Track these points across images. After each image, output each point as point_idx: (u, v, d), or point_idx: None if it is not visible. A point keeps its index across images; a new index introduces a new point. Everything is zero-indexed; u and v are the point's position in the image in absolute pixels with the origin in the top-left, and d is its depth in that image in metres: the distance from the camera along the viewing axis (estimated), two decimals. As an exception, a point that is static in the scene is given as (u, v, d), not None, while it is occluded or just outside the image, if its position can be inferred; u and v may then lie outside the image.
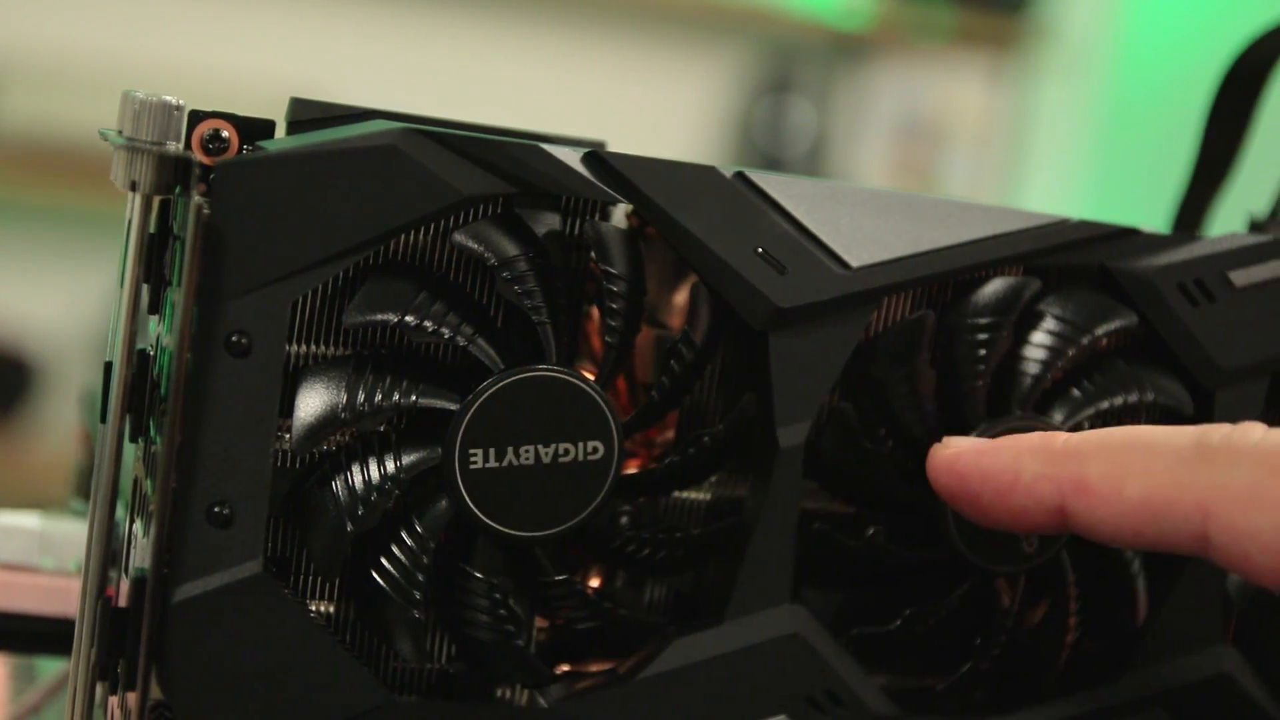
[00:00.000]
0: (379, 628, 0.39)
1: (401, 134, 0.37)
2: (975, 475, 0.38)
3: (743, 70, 2.36)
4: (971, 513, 0.39)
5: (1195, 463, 0.35)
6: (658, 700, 0.40)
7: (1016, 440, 0.38)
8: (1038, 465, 0.37)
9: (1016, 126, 2.38)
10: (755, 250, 0.39)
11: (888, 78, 2.36)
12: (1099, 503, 0.36)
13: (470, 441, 0.37)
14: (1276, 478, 0.35)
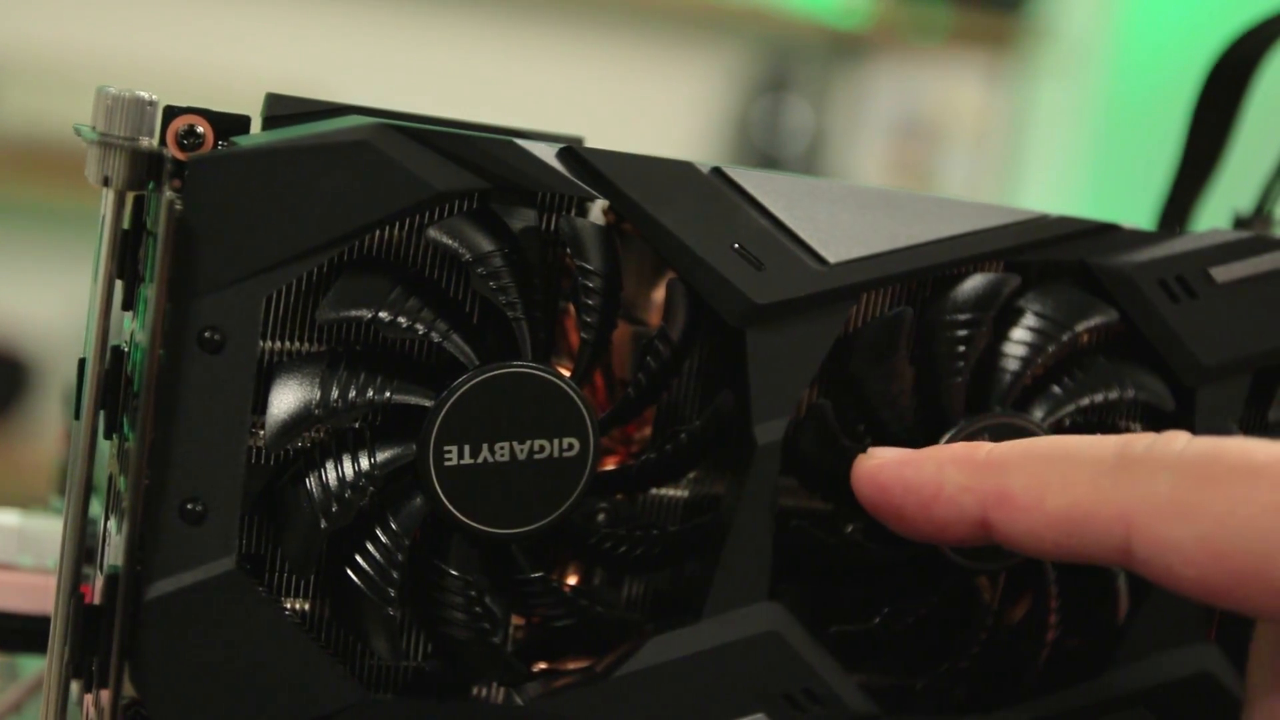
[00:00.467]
0: (354, 625, 0.39)
1: (375, 130, 0.37)
2: (898, 486, 0.38)
3: (740, 69, 2.36)
4: (895, 524, 0.38)
5: (1117, 473, 0.35)
6: (634, 698, 0.40)
7: (939, 451, 0.38)
8: (960, 477, 0.37)
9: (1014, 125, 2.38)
10: (732, 246, 0.39)
11: (885, 77, 2.35)
12: (1020, 514, 0.36)
13: (445, 438, 0.37)
14: (1198, 488, 0.34)
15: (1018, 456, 0.36)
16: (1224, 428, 0.44)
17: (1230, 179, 0.54)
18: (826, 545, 0.41)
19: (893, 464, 0.38)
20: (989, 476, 0.36)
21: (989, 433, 0.41)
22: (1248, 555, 0.33)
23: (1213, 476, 0.34)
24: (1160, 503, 0.34)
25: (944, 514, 0.37)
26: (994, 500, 0.36)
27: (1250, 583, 0.33)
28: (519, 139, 0.38)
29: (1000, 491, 0.36)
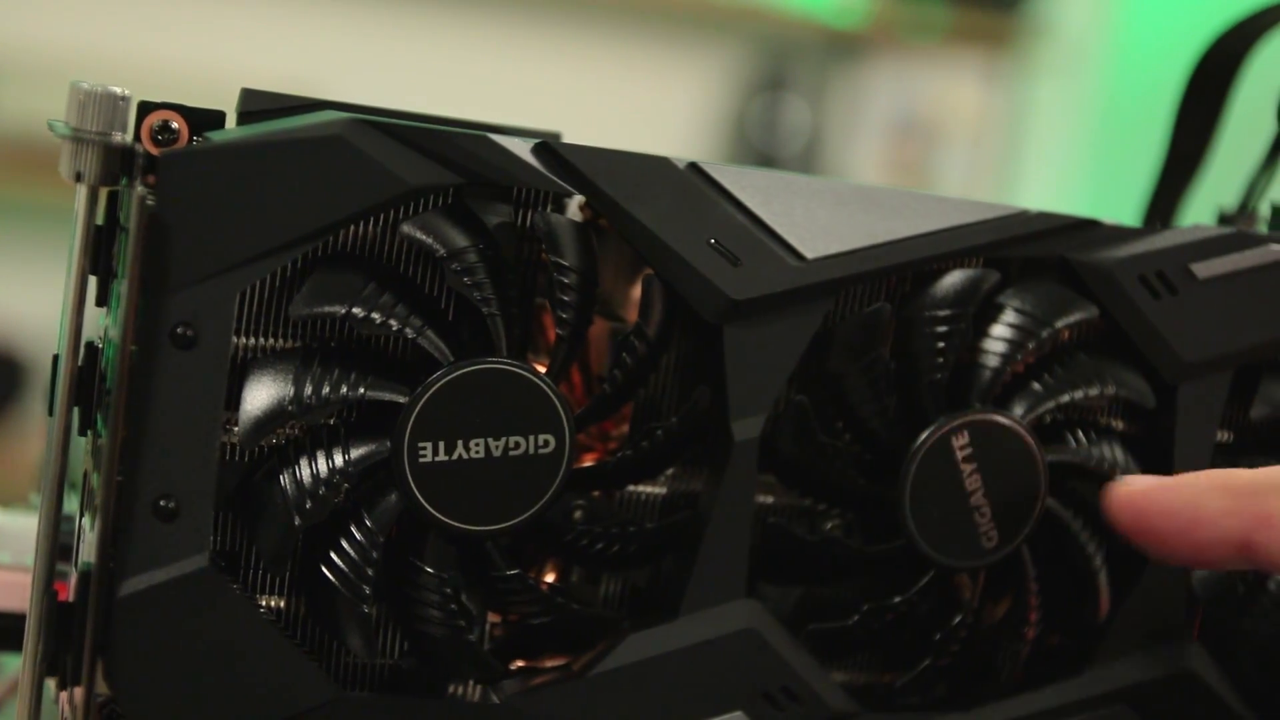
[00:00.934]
0: (329, 623, 0.39)
1: (348, 125, 0.36)
2: (1155, 512, 0.39)
3: (737, 68, 2.35)
4: (1153, 548, 0.40)
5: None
6: (611, 696, 0.39)
7: (1195, 477, 0.39)
8: (1221, 501, 0.38)
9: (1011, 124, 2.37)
10: (708, 242, 0.39)
11: (883, 76, 2.35)
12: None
13: (419, 435, 0.37)
14: None
15: (1276, 481, 0.38)
16: (1204, 425, 0.44)
17: (1225, 175, 0.54)
18: (804, 543, 0.41)
19: (1149, 490, 0.39)
20: (1251, 501, 0.38)
21: (968, 430, 0.41)
22: None
23: None
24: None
25: (1205, 537, 0.38)
26: (1256, 523, 0.37)
27: None
28: (494, 134, 0.38)
29: (1263, 515, 0.37)
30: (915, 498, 0.41)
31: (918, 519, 0.41)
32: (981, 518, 0.41)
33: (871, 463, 0.41)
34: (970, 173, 2.31)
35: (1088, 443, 0.43)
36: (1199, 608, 0.45)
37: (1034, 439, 0.41)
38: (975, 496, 0.41)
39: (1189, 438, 0.43)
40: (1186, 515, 0.39)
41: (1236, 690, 0.45)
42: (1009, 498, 0.41)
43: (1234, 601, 0.45)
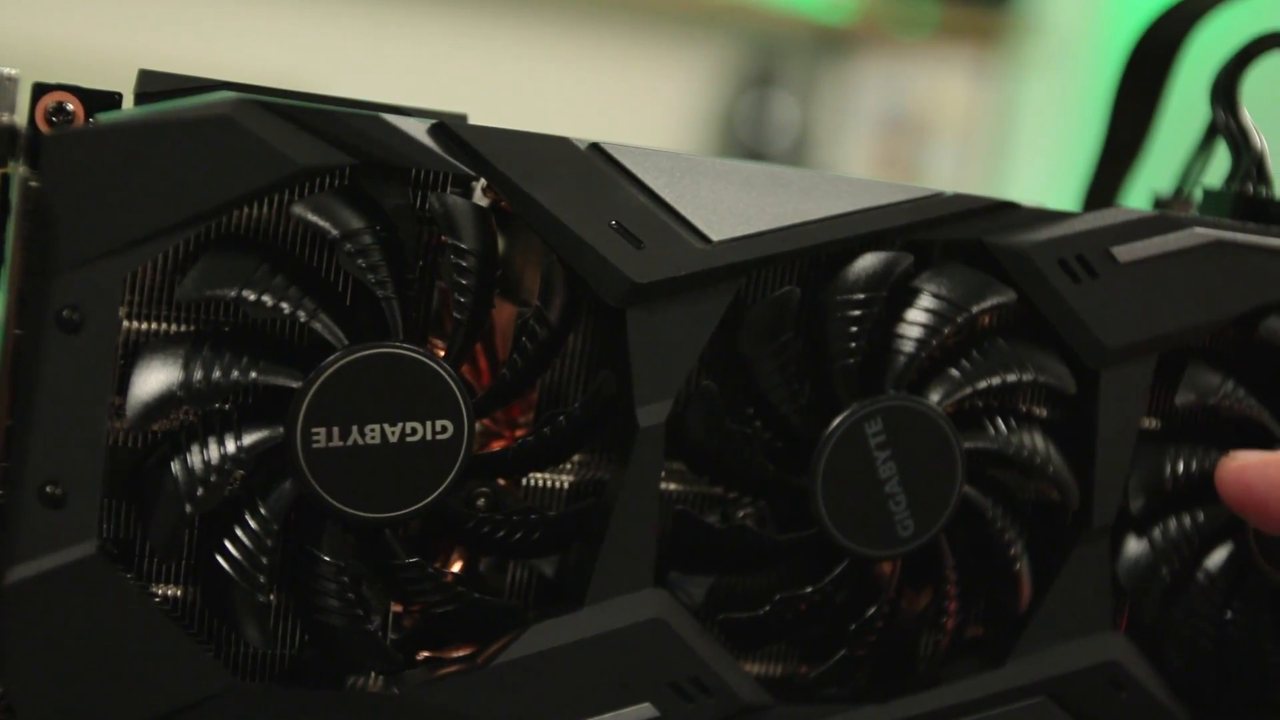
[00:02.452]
0: (224, 612, 0.38)
1: (236, 104, 0.36)
2: (1263, 484, 0.40)
3: (726, 65, 2.35)
4: (1261, 522, 0.41)
5: None
6: (514, 686, 0.39)
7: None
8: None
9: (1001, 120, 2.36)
10: (610, 224, 0.38)
11: (871, 72, 2.34)
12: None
13: (313, 420, 0.36)
14: None
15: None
16: (1128, 411, 0.43)
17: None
18: (713, 531, 0.40)
19: (1259, 464, 0.41)
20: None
21: (882, 416, 0.40)
22: None
23: None
24: None
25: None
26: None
27: None
28: (390, 115, 0.37)
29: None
30: (827, 485, 0.40)
31: (830, 507, 0.40)
32: (897, 506, 0.41)
33: (783, 450, 0.41)
34: (959, 169, 2.30)
35: (1007, 430, 0.42)
36: (1125, 599, 0.44)
37: (950, 426, 0.41)
38: (890, 484, 0.40)
39: (1111, 424, 0.43)
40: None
41: (1164, 681, 0.44)
42: (925, 485, 0.41)
43: (1161, 592, 0.44)
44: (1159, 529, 0.44)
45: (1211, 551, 0.44)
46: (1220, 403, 0.43)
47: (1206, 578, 0.44)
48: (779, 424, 0.40)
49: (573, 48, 2.30)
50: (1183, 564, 0.44)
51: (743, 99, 2.33)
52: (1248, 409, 0.44)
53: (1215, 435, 0.44)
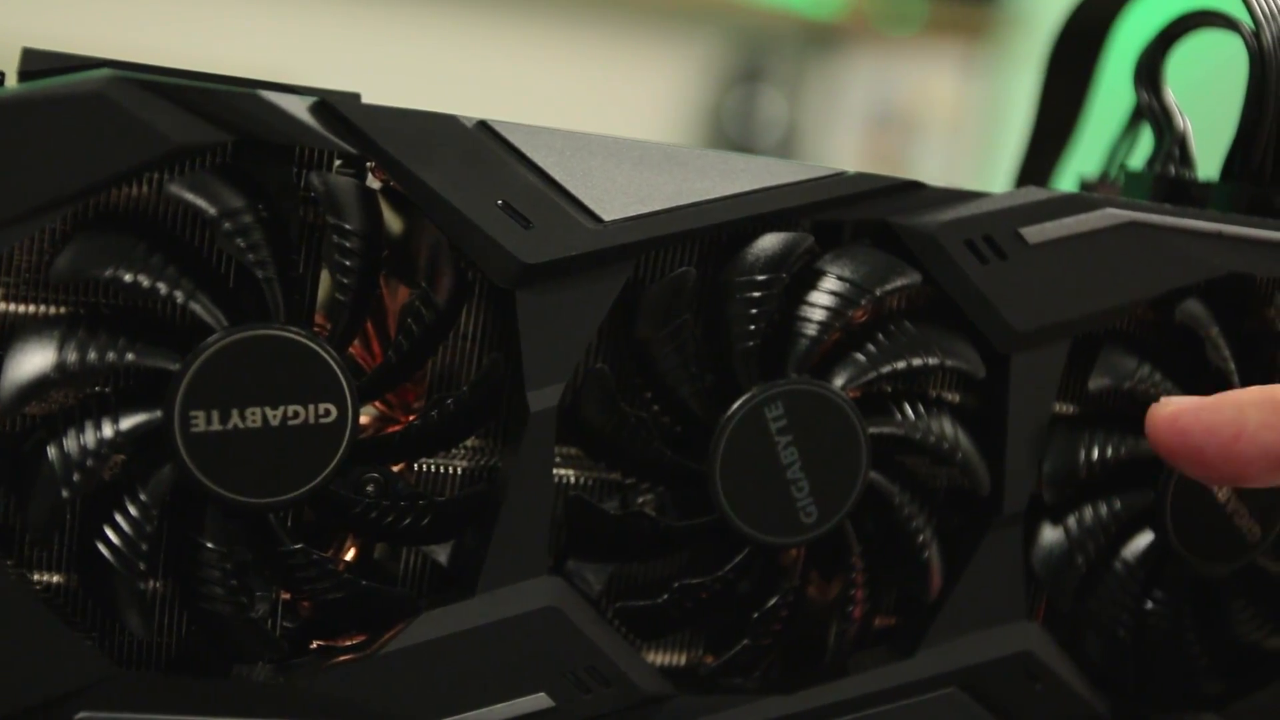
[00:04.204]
0: (105, 600, 0.37)
1: (108, 81, 0.35)
2: (1198, 429, 0.39)
3: (714, 60, 2.34)
4: (1195, 468, 0.39)
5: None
6: (404, 675, 0.38)
7: (1237, 395, 0.39)
8: (1261, 415, 0.38)
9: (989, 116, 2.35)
10: (497, 203, 0.37)
11: (860, 67, 2.33)
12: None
13: (191, 403, 0.36)
14: None
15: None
16: (1039, 396, 0.42)
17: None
18: (608, 517, 0.39)
19: (1192, 408, 0.39)
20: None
21: (782, 400, 0.39)
22: None
23: None
24: None
25: (1245, 451, 0.38)
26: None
27: None
28: (269, 91, 0.36)
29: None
30: (726, 471, 0.39)
31: (729, 493, 0.39)
32: (799, 492, 0.40)
33: (682, 435, 0.40)
34: (948, 164, 2.29)
35: (914, 415, 0.41)
36: (1041, 588, 0.43)
37: (854, 410, 0.40)
38: (792, 470, 0.40)
39: (1023, 409, 0.42)
40: (1228, 431, 0.38)
41: (1081, 672, 0.44)
42: (829, 471, 0.40)
43: (1077, 581, 0.43)
44: (1074, 517, 0.43)
45: (1129, 539, 0.44)
46: (1136, 387, 0.43)
47: (1124, 566, 0.43)
48: (677, 408, 0.40)
49: (561, 43, 2.29)
50: (1099, 552, 0.43)
51: (730, 94, 2.32)
52: (1164, 393, 0.43)
53: (1133, 421, 0.44)
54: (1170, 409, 0.39)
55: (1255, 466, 0.38)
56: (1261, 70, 0.44)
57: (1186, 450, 0.39)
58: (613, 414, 0.39)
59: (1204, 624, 0.45)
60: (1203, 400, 0.39)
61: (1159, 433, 0.39)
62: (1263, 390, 0.39)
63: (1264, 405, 0.38)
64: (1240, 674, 0.46)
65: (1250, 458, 0.38)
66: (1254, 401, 0.38)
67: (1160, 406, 0.40)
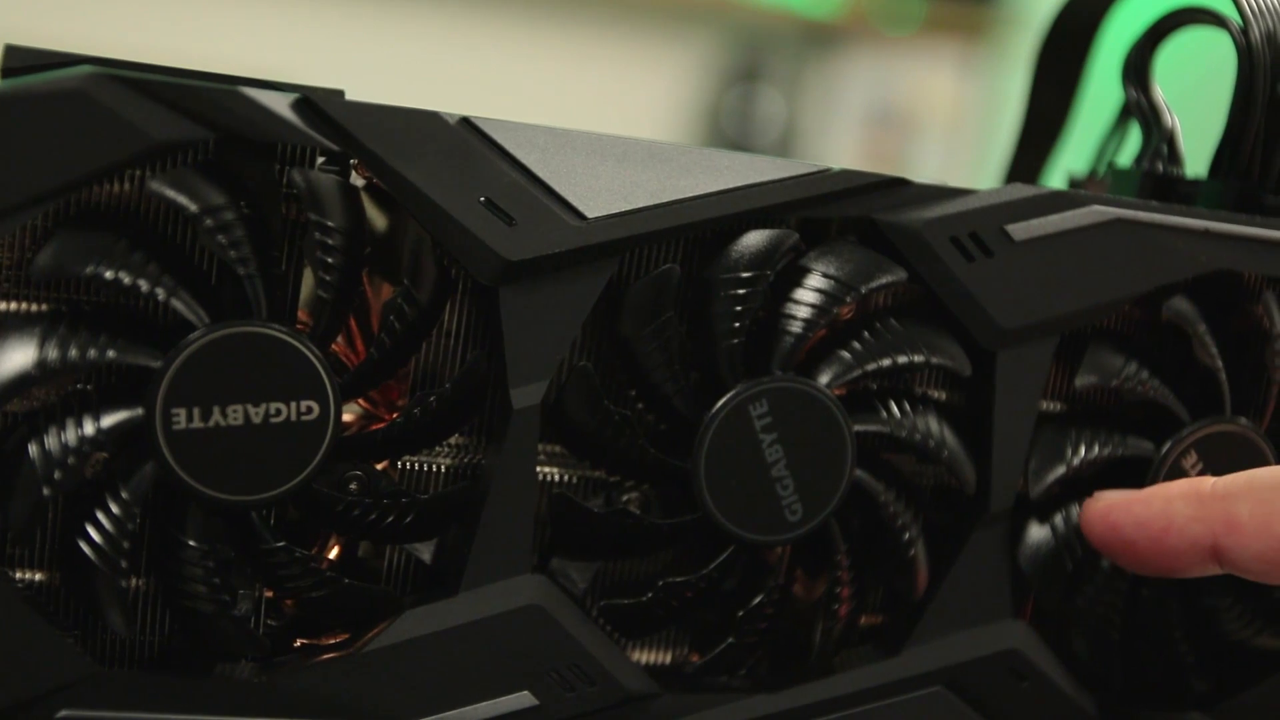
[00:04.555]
0: (87, 598, 0.37)
1: (90, 79, 0.35)
2: (1129, 523, 0.40)
3: (712, 59, 2.34)
4: (1127, 560, 0.40)
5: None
6: (387, 673, 0.38)
7: (1165, 488, 0.40)
8: (1189, 509, 0.39)
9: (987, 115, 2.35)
10: (480, 200, 0.37)
11: (858, 67, 2.33)
12: (1250, 540, 0.38)
13: (172, 401, 0.36)
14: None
15: (1242, 486, 0.39)
16: (1025, 393, 0.42)
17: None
18: (592, 515, 0.39)
19: (1123, 503, 0.40)
20: (1216, 507, 0.39)
21: (767, 398, 0.39)
22: None
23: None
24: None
25: (1175, 545, 0.39)
26: (1223, 529, 0.38)
27: None
28: (250, 88, 0.36)
29: (1229, 520, 0.38)
30: (711, 469, 0.39)
31: (714, 491, 0.39)
32: (784, 490, 0.40)
33: (667, 432, 0.40)
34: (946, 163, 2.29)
35: (900, 413, 0.41)
36: (1028, 587, 0.43)
37: (840, 408, 0.40)
38: (777, 468, 0.39)
39: (1009, 407, 0.42)
40: (1157, 525, 0.39)
41: (1068, 671, 0.43)
42: (814, 469, 0.40)
43: (1064, 580, 0.43)
44: (1061, 515, 0.43)
45: (1117, 538, 0.43)
46: (1123, 385, 0.42)
47: (1111, 566, 0.43)
48: (662, 406, 0.39)
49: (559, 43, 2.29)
50: (1086, 551, 0.43)
51: (729, 94, 2.32)
52: (1151, 391, 0.43)
53: (1119, 419, 0.43)
54: (1102, 504, 0.41)
55: (1184, 559, 0.39)
56: (1249, 67, 0.44)
57: (1119, 544, 0.40)
58: (597, 411, 0.39)
59: (1191, 622, 0.45)
60: (1133, 494, 0.41)
61: (1091, 526, 0.41)
62: (1190, 484, 0.40)
63: (1190, 499, 0.39)
64: (1228, 672, 0.46)
65: (1179, 550, 0.39)
66: (1181, 495, 0.39)
67: (1093, 501, 0.41)
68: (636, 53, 2.31)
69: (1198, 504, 0.39)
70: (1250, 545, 0.38)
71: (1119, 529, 0.40)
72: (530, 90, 2.21)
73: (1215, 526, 0.38)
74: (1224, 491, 0.39)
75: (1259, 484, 0.38)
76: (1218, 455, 0.43)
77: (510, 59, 2.26)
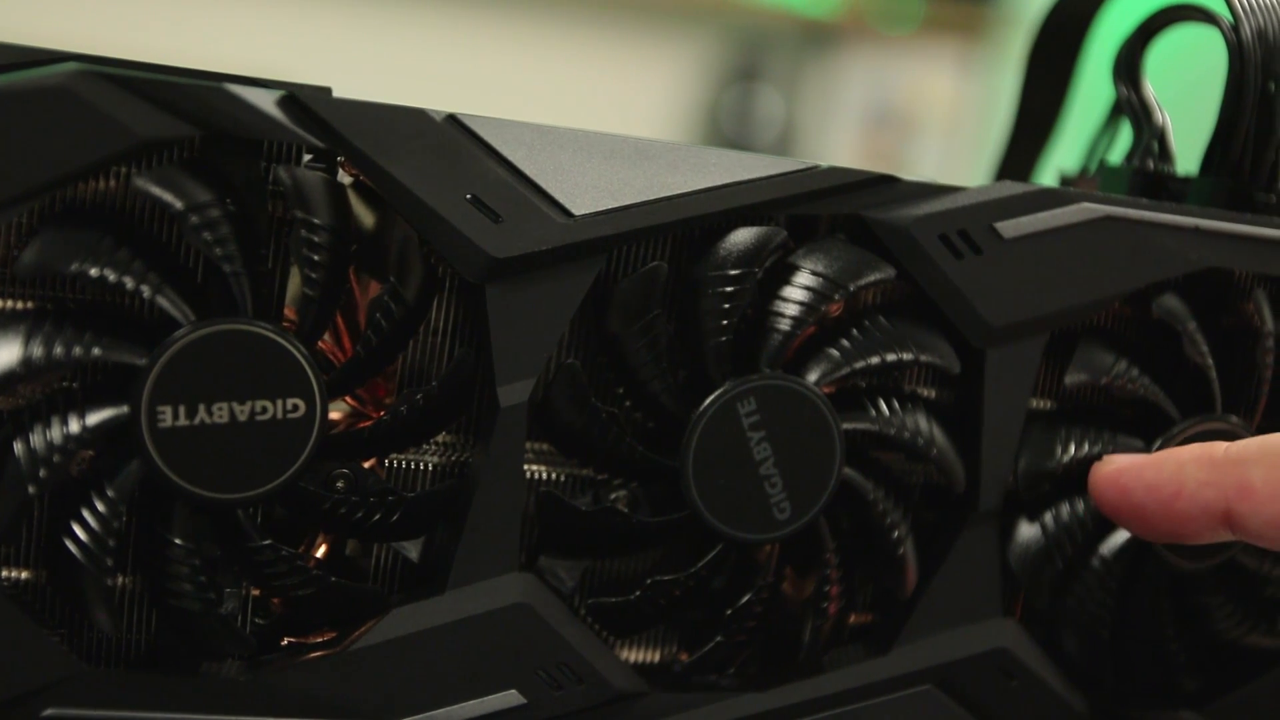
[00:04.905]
0: (73, 596, 0.37)
1: (75, 75, 0.35)
2: (1139, 487, 0.39)
3: (711, 58, 2.34)
4: (1137, 525, 0.40)
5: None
6: (375, 672, 0.38)
7: (1177, 452, 0.39)
8: (1201, 473, 0.38)
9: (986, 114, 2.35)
10: (466, 197, 0.37)
11: (856, 66, 2.33)
12: (1263, 505, 0.37)
13: (158, 398, 0.35)
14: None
15: (1255, 451, 0.38)
16: (1015, 391, 0.42)
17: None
18: (579, 514, 0.39)
19: (1133, 467, 0.40)
20: (1230, 471, 0.38)
21: (755, 395, 0.39)
22: None
23: None
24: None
25: (1186, 509, 0.38)
26: (1236, 494, 0.38)
27: None
28: (236, 85, 0.36)
29: (1242, 485, 0.37)
30: (699, 467, 0.39)
31: (702, 489, 0.39)
32: (772, 488, 0.40)
33: (655, 430, 0.40)
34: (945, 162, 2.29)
35: (889, 411, 0.41)
36: (1018, 585, 0.43)
37: (828, 406, 0.40)
38: (765, 466, 0.39)
39: (998, 405, 0.42)
40: (1169, 489, 0.39)
41: (1058, 670, 0.43)
42: (802, 467, 0.40)
43: (1054, 579, 0.43)
44: (1051, 513, 0.43)
45: (1107, 536, 0.43)
46: (1113, 383, 0.42)
47: (1102, 563, 0.43)
48: (649, 404, 0.39)
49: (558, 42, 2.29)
50: (1076, 549, 0.43)
51: (727, 93, 2.32)
52: (1141, 389, 0.43)
53: (1110, 417, 0.43)
54: (1112, 467, 0.40)
55: (1195, 524, 0.39)
56: (1240, 64, 0.43)
57: (1128, 508, 0.40)
58: (584, 409, 0.39)
59: (1182, 621, 0.45)
60: (1144, 458, 0.40)
61: (1101, 490, 0.40)
62: (1202, 448, 0.39)
63: (1203, 463, 0.38)
64: (1219, 671, 0.45)
65: (1190, 515, 0.38)
66: (1194, 459, 0.39)
67: (1102, 465, 0.41)
68: (635, 52, 2.31)
69: (1210, 468, 0.38)
70: (1263, 510, 0.37)
71: (1129, 493, 0.39)
72: (529, 89, 2.21)
73: (1228, 491, 0.38)
74: (1238, 456, 0.38)
75: (1272, 449, 0.38)
76: None
77: (509, 58, 2.26)
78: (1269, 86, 0.43)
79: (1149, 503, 0.39)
